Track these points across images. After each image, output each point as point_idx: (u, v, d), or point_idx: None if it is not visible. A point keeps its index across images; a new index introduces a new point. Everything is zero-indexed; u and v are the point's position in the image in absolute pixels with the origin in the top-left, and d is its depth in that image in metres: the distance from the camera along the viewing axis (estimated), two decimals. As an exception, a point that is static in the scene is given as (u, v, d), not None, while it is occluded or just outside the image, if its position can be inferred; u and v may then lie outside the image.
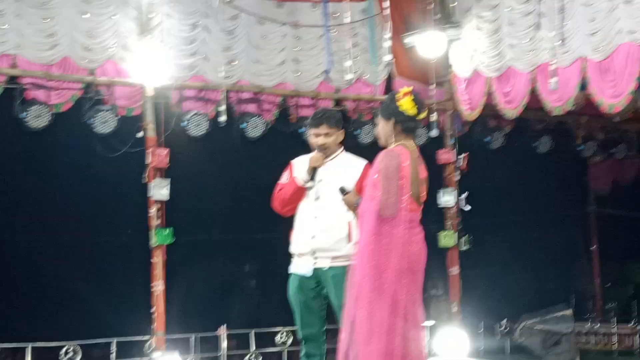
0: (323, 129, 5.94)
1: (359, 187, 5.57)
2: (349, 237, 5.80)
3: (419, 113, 5.08)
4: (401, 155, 4.95)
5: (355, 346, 4.82)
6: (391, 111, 5.09)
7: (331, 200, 5.78)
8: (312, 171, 5.87)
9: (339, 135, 6.02)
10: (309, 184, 5.87)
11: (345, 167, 5.91)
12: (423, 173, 5.09)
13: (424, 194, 5.09)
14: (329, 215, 5.80)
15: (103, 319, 10.61)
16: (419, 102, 5.07)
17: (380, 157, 4.98)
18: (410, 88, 5.21)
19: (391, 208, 4.84)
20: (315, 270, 5.86)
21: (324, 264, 5.83)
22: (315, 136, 5.96)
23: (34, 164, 10.55)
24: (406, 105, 5.05)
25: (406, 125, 5.08)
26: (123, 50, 9.25)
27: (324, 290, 5.87)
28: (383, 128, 5.14)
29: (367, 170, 5.66)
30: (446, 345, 10.09)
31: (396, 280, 4.83)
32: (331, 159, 5.97)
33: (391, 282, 4.81)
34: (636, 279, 16.38)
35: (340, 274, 5.74)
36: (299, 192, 5.89)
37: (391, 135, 5.09)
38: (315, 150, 5.93)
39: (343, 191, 5.37)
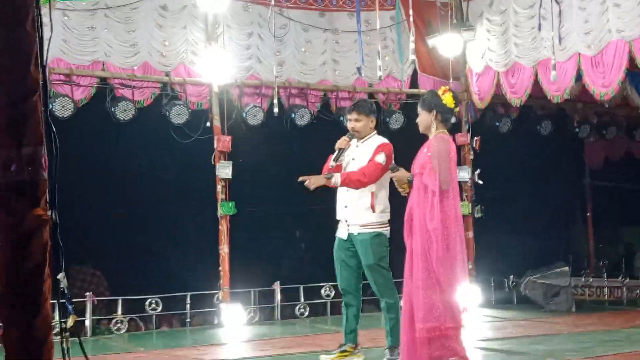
0: (354, 115, 5.99)
1: (372, 155, 5.68)
2: (372, 207, 5.83)
3: (456, 106, 5.22)
4: (450, 141, 5.15)
5: (434, 294, 4.94)
6: (434, 104, 5.21)
7: None
8: (338, 152, 5.92)
9: (370, 122, 6.02)
10: (331, 163, 5.90)
11: (369, 146, 5.94)
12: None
13: None
14: (356, 189, 5.85)
15: (180, 276, 10.76)
16: (456, 98, 5.25)
17: (436, 142, 5.12)
18: (449, 86, 5.37)
19: (446, 183, 4.96)
20: (349, 234, 5.91)
21: (354, 230, 5.88)
22: (348, 121, 6.02)
23: (122, 150, 10.69)
24: (447, 99, 5.19)
25: (445, 117, 5.23)
26: (193, 55, 9.33)
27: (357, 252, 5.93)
28: (425, 118, 5.25)
29: (383, 145, 5.77)
30: (463, 297, 10.07)
31: (460, 240, 5.02)
32: (363, 141, 5.99)
33: (456, 243, 4.92)
34: (626, 239, 16.20)
35: (367, 239, 5.81)
36: (332, 170, 5.91)
37: (432, 125, 5.18)
38: (349, 135, 5.98)
39: (394, 168, 5.38)
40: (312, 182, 5.76)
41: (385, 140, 5.99)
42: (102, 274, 11.30)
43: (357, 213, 5.88)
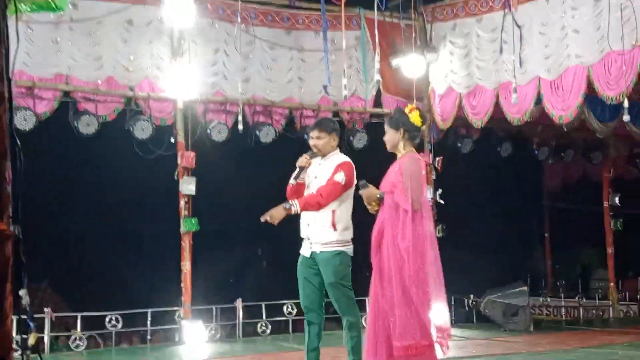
0: (315, 133, 5.96)
1: (331, 174, 5.69)
2: (333, 225, 5.81)
3: (423, 125, 5.22)
4: (421, 161, 5.13)
5: (409, 312, 4.91)
6: (401, 122, 5.18)
7: None
8: (298, 170, 5.91)
9: (332, 140, 6.00)
10: (291, 181, 5.88)
11: (331, 164, 5.94)
12: None
13: None
14: (316, 211, 5.84)
15: (141, 293, 10.63)
16: (423, 116, 5.24)
17: (408, 162, 5.07)
18: (414, 105, 5.37)
19: (418, 202, 4.97)
20: (312, 252, 5.91)
21: (317, 248, 5.85)
22: (310, 138, 6.01)
23: (84, 164, 10.56)
24: (414, 118, 5.17)
25: (412, 135, 5.19)
26: (158, 70, 9.27)
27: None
28: (393, 136, 5.21)
29: (343, 164, 5.69)
30: (440, 316, 10.05)
31: (434, 259, 4.99)
32: (325, 159, 6.00)
33: (429, 262, 4.95)
34: (582, 261, 16.45)
35: (328, 257, 5.76)
36: (292, 189, 5.91)
37: (399, 143, 5.19)
38: (310, 153, 5.98)
39: (363, 186, 5.26)
40: (274, 217, 5.70)
41: (346, 159, 5.97)
42: (57, 290, 11.10)
43: (319, 231, 5.86)
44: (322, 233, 5.81)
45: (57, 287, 11.17)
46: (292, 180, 5.83)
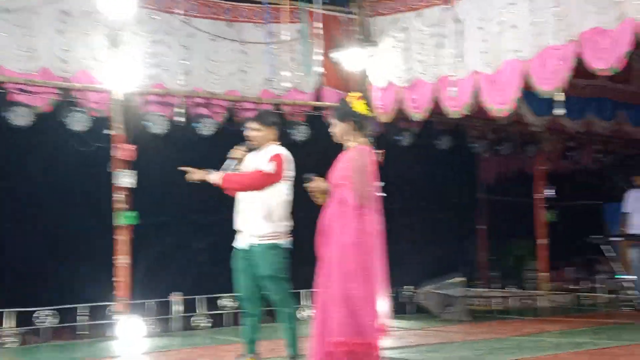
0: (254, 125, 6.00)
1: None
2: (267, 217, 5.80)
3: (370, 112, 5.17)
4: (370, 153, 5.04)
5: (344, 309, 4.84)
6: (348, 113, 5.12)
7: None
8: (235, 161, 5.90)
9: (269, 133, 6.01)
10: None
11: (266, 156, 5.92)
12: None
13: None
14: (252, 200, 5.82)
15: (74, 288, 10.35)
16: (369, 104, 5.17)
17: (355, 154, 5.03)
18: (360, 93, 5.30)
19: (366, 197, 4.89)
20: (249, 244, 5.87)
21: (253, 241, 5.85)
22: (249, 130, 6.00)
23: (16, 157, 10.22)
24: (360, 107, 5.12)
25: (361, 124, 5.13)
26: (94, 61, 9.05)
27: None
28: (341, 128, 5.15)
29: (275, 156, 5.81)
30: (380, 314, 10.11)
31: (375, 257, 4.93)
32: (261, 151, 5.98)
33: (372, 258, 4.88)
34: (516, 252, 16.76)
35: (261, 250, 5.80)
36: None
37: (348, 134, 5.12)
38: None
39: (307, 179, 5.23)
40: (193, 173, 5.71)
41: (280, 150, 5.96)
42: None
43: (254, 223, 5.86)
44: (258, 226, 5.83)
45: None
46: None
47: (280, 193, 5.86)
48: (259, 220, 5.82)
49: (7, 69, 8.60)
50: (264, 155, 5.93)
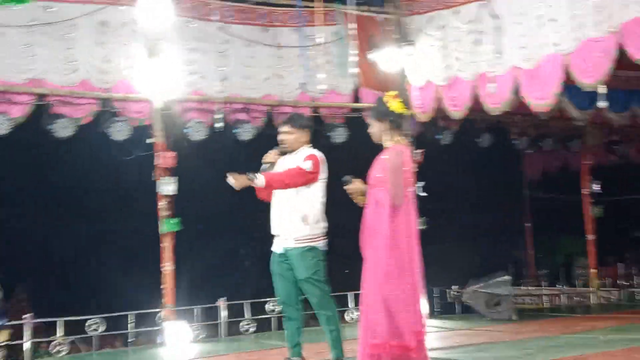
0: (286, 128, 5.99)
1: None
2: (304, 220, 5.80)
3: (406, 110, 5.15)
4: (405, 153, 5.01)
5: (380, 311, 4.82)
6: (384, 113, 5.11)
7: (289, 190, 5.81)
8: (269, 165, 5.90)
9: (302, 136, 6.00)
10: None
11: (300, 157, 5.92)
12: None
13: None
14: (288, 203, 5.82)
15: (122, 295, 10.53)
16: (406, 102, 5.15)
17: (390, 154, 5.00)
18: (396, 92, 5.27)
19: (400, 198, 4.87)
20: (285, 248, 5.87)
21: (289, 244, 5.84)
22: (278, 134, 6.00)
23: (61, 169, 10.44)
24: (397, 105, 5.09)
25: (398, 123, 5.11)
26: (133, 71, 9.17)
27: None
28: (378, 128, 5.14)
29: (310, 156, 5.79)
30: (418, 315, 10.06)
31: (412, 257, 4.90)
32: (295, 154, 5.98)
33: (408, 259, 4.87)
34: (565, 250, 16.55)
35: (298, 253, 5.79)
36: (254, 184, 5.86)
37: (385, 134, 5.11)
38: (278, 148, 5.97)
39: (348, 181, 5.18)
40: (237, 180, 5.65)
41: (315, 151, 5.96)
42: (37, 295, 10.95)
43: (290, 226, 5.85)
44: (294, 229, 5.82)
45: (37, 292, 11.01)
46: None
47: (315, 195, 5.86)
48: (295, 223, 5.83)
49: (49, 82, 8.76)
50: (299, 157, 5.93)
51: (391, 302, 4.80)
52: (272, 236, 6.02)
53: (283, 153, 5.99)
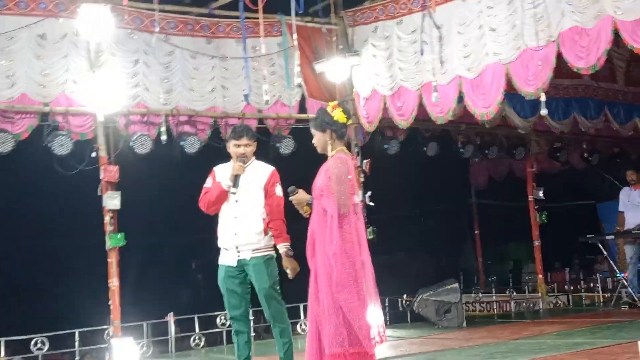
0: (244, 141, 5.95)
1: (267, 188, 5.69)
2: (264, 231, 5.82)
3: (348, 120, 5.20)
4: (349, 161, 5.06)
5: (337, 319, 4.83)
6: (326, 123, 5.14)
7: (248, 202, 5.83)
8: (235, 178, 5.85)
9: (254, 147, 6.04)
10: (232, 190, 5.84)
11: (258, 173, 5.93)
12: None
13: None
14: (247, 215, 5.82)
15: (68, 313, 10.33)
16: (347, 112, 5.20)
17: (333, 164, 5.02)
18: (336, 102, 5.32)
19: (347, 206, 4.89)
20: (239, 261, 5.85)
21: (246, 255, 5.83)
22: (236, 147, 5.95)
23: (2, 183, 10.21)
24: (339, 115, 5.14)
25: (340, 132, 5.16)
26: (74, 84, 9.02)
27: (247, 277, 5.88)
28: (321, 139, 5.18)
29: (274, 174, 5.80)
30: (373, 321, 10.08)
31: (363, 264, 4.92)
32: (247, 166, 5.97)
33: (358, 266, 4.89)
34: (513, 256, 16.78)
35: (260, 263, 5.81)
36: (223, 196, 5.86)
37: (328, 144, 5.14)
38: (237, 160, 5.91)
39: (293, 191, 5.21)
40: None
41: (272, 167, 6.00)
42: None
43: (249, 238, 5.84)
44: (253, 239, 5.81)
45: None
46: (233, 190, 5.78)
47: (270, 206, 5.90)
48: (255, 234, 5.83)
49: (-16, 96, 8.58)
50: (254, 171, 5.93)
51: (347, 310, 4.82)
52: (219, 249, 5.98)
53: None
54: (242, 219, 5.83)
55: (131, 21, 9.44)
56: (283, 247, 5.77)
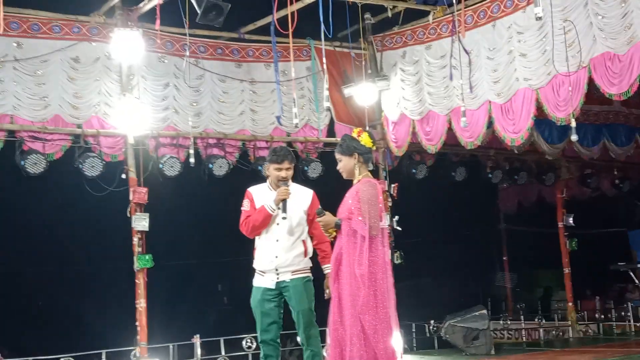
0: (286, 164, 5.91)
1: (311, 212, 5.68)
2: (304, 253, 5.82)
3: (373, 145, 5.27)
4: (377, 186, 5.13)
5: (360, 341, 4.85)
6: (353, 148, 5.19)
7: (289, 225, 5.79)
8: (282, 203, 5.81)
9: (293, 170, 6.04)
10: (282, 215, 5.78)
11: (299, 196, 5.91)
12: None
13: None
14: (289, 238, 5.80)
15: (95, 333, 10.38)
16: (372, 137, 5.28)
17: (364, 187, 5.07)
18: (360, 128, 5.41)
19: (375, 228, 4.93)
20: (278, 283, 5.83)
21: (285, 277, 5.81)
22: (277, 170, 5.89)
23: (32, 204, 10.34)
24: (365, 140, 5.22)
25: (367, 157, 5.24)
26: (106, 106, 9.16)
27: (282, 300, 5.85)
28: (347, 163, 5.24)
29: (315, 197, 5.80)
30: (394, 345, 10.02)
31: (388, 288, 4.95)
32: (292, 188, 5.96)
33: (384, 291, 4.91)
34: (543, 283, 16.56)
35: (300, 284, 5.78)
36: (268, 220, 5.81)
37: (355, 168, 5.17)
38: (281, 184, 5.86)
39: (320, 213, 5.22)
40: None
41: (311, 191, 6.01)
42: (8, 334, 10.74)
43: (290, 260, 5.83)
44: (293, 261, 5.81)
45: (7, 331, 10.81)
46: (283, 214, 5.75)
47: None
48: (295, 256, 5.82)
49: (20, 117, 8.72)
50: (296, 195, 5.91)
51: (370, 332, 4.83)
52: (254, 271, 5.97)
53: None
54: (284, 241, 5.81)
55: (162, 45, 9.57)
56: (329, 269, 5.72)
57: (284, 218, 5.74)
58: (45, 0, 8.78)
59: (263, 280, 5.89)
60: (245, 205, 5.94)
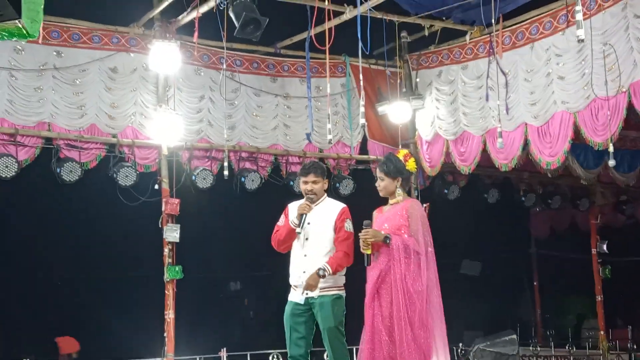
0: (311, 177, 5.91)
1: (337, 224, 5.66)
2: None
3: (415, 170, 5.39)
4: (422, 205, 5.18)
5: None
6: (399, 170, 5.26)
7: (318, 240, 5.77)
8: (300, 217, 5.81)
9: (324, 184, 6.00)
10: (297, 230, 5.80)
11: (329, 210, 5.88)
12: None
13: None
14: (317, 253, 5.76)
15: (124, 342, 10.41)
16: (417, 163, 5.41)
17: (414, 206, 5.26)
18: (407, 150, 5.52)
19: (424, 246, 5.04)
20: (307, 299, 5.80)
21: (314, 293, 5.77)
22: (304, 183, 5.92)
23: (66, 212, 10.42)
24: (411, 165, 5.37)
25: (409, 180, 5.47)
26: (142, 117, 9.24)
27: (312, 317, 5.81)
28: (389, 185, 5.37)
29: (344, 211, 5.76)
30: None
31: (439, 305, 5.11)
32: (317, 204, 5.93)
33: (438, 308, 4.97)
34: (574, 310, 16.30)
35: (327, 302, 5.74)
36: (292, 234, 5.83)
37: (396, 190, 5.23)
38: (304, 199, 5.88)
39: (368, 225, 5.33)
40: (312, 286, 5.60)
41: (343, 205, 5.96)
42: (38, 341, 10.82)
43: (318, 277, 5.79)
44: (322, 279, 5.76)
45: (38, 337, 10.89)
46: (298, 230, 5.76)
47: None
48: None
49: (57, 125, 8.82)
50: (325, 209, 5.87)
51: (426, 349, 4.87)
52: (287, 286, 5.95)
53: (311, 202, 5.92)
54: (312, 257, 5.78)
55: (199, 58, 9.64)
56: (324, 266, 5.66)
57: (299, 233, 5.73)
58: (86, 11, 8.87)
59: (294, 295, 5.87)
60: (280, 220, 5.97)
